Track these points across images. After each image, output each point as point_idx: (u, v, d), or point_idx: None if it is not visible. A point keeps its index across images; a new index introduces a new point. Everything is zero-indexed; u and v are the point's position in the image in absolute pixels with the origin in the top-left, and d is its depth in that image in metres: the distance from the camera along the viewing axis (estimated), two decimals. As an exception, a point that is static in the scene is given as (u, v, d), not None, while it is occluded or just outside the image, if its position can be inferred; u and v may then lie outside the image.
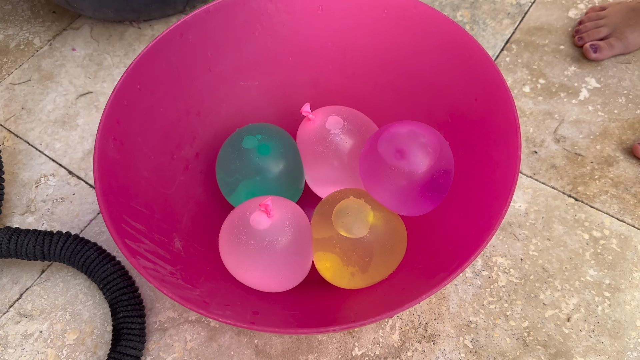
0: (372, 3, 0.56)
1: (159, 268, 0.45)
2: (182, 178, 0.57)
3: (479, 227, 0.45)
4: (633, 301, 0.58)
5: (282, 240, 0.49)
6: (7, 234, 0.57)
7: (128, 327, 0.55)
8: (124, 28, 0.84)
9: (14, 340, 0.59)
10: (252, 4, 0.56)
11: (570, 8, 0.82)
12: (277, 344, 0.57)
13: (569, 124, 0.71)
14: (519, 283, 0.59)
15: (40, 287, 0.62)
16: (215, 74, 0.59)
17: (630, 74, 0.75)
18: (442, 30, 0.53)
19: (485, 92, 0.50)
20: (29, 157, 0.72)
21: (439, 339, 0.56)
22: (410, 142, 0.50)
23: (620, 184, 0.66)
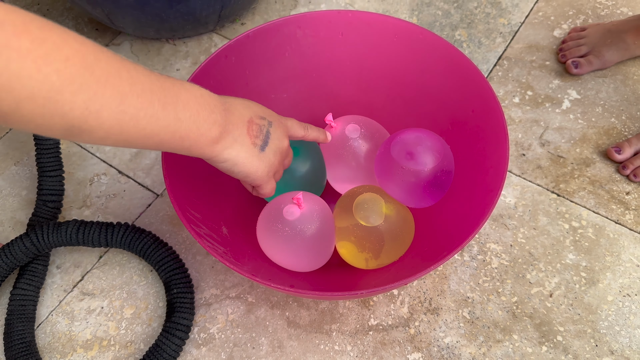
0: (385, 29, 0.67)
1: (215, 247, 0.55)
2: (226, 176, 0.68)
3: (475, 215, 0.55)
4: (605, 280, 0.68)
5: (311, 227, 0.59)
6: (75, 225, 0.67)
7: (181, 301, 0.65)
8: (161, 44, 0.94)
9: (79, 315, 0.69)
10: (284, 30, 0.67)
11: (555, 28, 0.93)
12: (304, 316, 0.67)
13: (552, 130, 0.81)
14: (509, 265, 0.70)
15: (99, 270, 0.72)
16: (251, 88, 0.69)
17: (607, 86, 0.85)
18: (443, 52, 0.64)
19: (480, 105, 0.61)
20: (82, 158, 0.82)
21: (441, 312, 0.67)
22: (418, 145, 0.61)
23: (596, 182, 0.76)
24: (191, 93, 0.43)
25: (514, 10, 0.96)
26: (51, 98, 0.32)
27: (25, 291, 0.67)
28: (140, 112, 0.37)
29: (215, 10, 0.86)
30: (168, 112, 0.40)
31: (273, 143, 0.51)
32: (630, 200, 0.74)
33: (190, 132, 0.42)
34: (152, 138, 0.40)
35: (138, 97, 0.37)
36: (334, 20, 0.67)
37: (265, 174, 0.51)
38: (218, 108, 0.45)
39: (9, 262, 0.65)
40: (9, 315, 0.66)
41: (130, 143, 0.39)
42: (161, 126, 0.40)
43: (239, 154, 0.48)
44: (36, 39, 0.30)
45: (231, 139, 0.47)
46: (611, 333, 0.64)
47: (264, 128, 0.50)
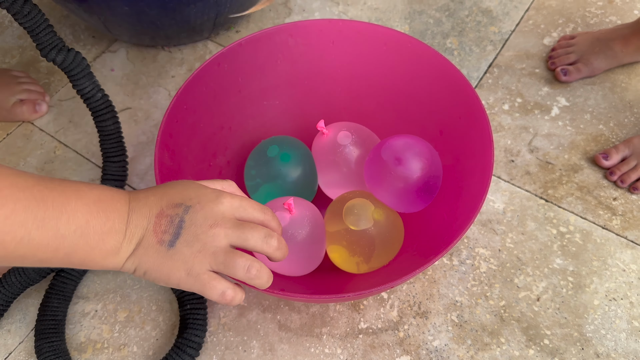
0: (375, 38, 0.68)
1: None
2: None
3: (461, 220, 0.57)
4: (592, 285, 0.69)
5: (301, 232, 0.60)
6: None
7: (194, 318, 0.65)
8: (157, 51, 0.96)
9: (73, 318, 0.70)
10: (276, 39, 0.68)
11: (545, 36, 0.95)
12: (295, 319, 0.68)
13: (541, 137, 0.83)
14: (497, 270, 0.71)
15: (93, 273, 0.73)
16: (244, 95, 0.71)
17: (595, 94, 0.87)
18: (432, 61, 0.65)
19: (467, 112, 0.62)
20: (77, 164, 0.83)
21: (430, 315, 0.68)
22: (407, 151, 0.62)
23: (584, 187, 0.77)
24: (83, 201, 0.38)
25: (505, 19, 0.98)
26: None
27: (71, 270, 0.69)
28: (7, 235, 0.34)
29: (210, 18, 0.87)
30: (46, 229, 0.36)
31: (188, 232, 0.41)
32: (617, 206, 0.75)
33: (77, 248, 0.38)
34: (29, 258, 0.36)
35: (5, 219, 0.34)
36: (325, 29, 0.69)
37: (184, 274, 0.41)
38: (118, 212, 0.40)
39: (22, 281, 0.66)
40: (49, 289, 0.68)
41: (5, 263, 0.36)
42: (36, 246, 0.36)
43: (144, 260, 0.41)
44: None
45: (134, 244, 0.40)
46: (597, 337, 0.65)
47: (175, 218, 0.41)
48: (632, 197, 0.76)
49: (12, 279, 0.66)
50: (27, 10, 0.66)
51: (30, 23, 0.67)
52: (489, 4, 1.00)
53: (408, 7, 1.00)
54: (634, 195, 0.76)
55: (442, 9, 1.00)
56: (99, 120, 0.72)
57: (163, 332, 0.68)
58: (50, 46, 0.68)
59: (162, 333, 0.68)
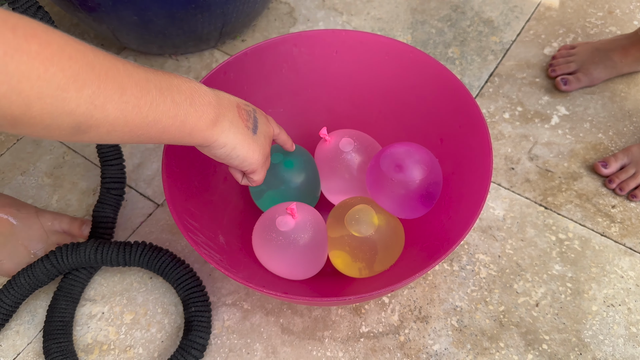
0: (377, 48, 0.70)
1: (212, 255, 0.58)
2: (222, 187, 0.71)
3: (460, 226, 0.58)
4: (590, 291, 0.70)
5: (304, 237, 0.62)
6: (93, 246, 0.69)
7: (198, 320, 0.66)
8: (164, 60, 0.98)
9: (81, 320, 0.71)
10: (280, 48, 0.70)
11: (546, 46, 0.96)
12: (298, 323, 0.69)
13: (541, 145, 0.84)
14: (496, 275, 0.72)
15: (100, 276, 0.74)
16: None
17: (595, 103, 0.88)
18: (433, 71, 0.67)
19: (467, 121, 0.64)
20: (86, 169, 0.85)
21: (430, 320, 0.69)
22: (407, 159, 0.63)
23: (583, 195, 0.79)
24: (181, 79, 0.45)
25: (506, 29, 0.99)
26: (58, 96, 0.34)
27: (79, 272, 0.71)
28: (140, 100, 0.39)
29: (217, 28, 0.89)
30: (165, 97, 0.42)
31: (262, 127, 0.54)
32: (615, 214, 0.76)
33: (188, 115, 0.44)
34: (156, 125, 0.42)
35: (136, 86, 0.39)
36: (328, 39, 0.70)
37: (261, 157, 0.53)
38: (209, 93, 0.47)
39: (31, 282, 0.68)
40: (57, 291, 0.70)
41: (135, 135, 0.41)
42: (162, 111, 0.42)
43: (236, 137, 0.50)
44: (43, 42, 0.33)
45: (227, 122, 0.49)
46: (595, 342, 0.66)
47: (251, 113, 0.53)
48: (631, 205, 0.77)
49: (21, 281, 0.67)
50: (40, 17, 0.68)
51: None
52: (490, 14, 1.02)
53: (411, 17, 1.02)
54: (633, 202, 0.77)
55: (444, 19, 1.01)
56: None
57: (168, 334, 0.69)
58: None
59: (167, 335, 0.69)
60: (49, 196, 0.82)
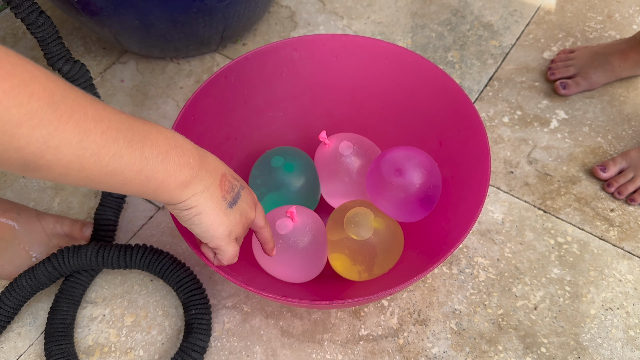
0: (376, 52, 0.70)
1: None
2: (223, 190, 0.71)
3: (459, 229, 0.58)
4: (589, 294, 0.71)
5: (303, 240, 0.62)
6: (94, 249, 0.69)
7: (198, 322, 0.66)
8: (165, 63, 0.98)
9: (82, 322, 0.72)
10: (281, 52, 0.71)
11: (545, 50, 0.97)
12: (298, 326, 0.70)
13: (540, 149, 0.84)
14: (495, 279, 0.72)
15: (101, 279, 0.75)
16: (249, 107, 0.73)
17: (594, 107, 0.89)
18: (431, 75, 0.67)
19: (466, 125, 0.64)
20: (87, 172, 0.86)
21: (429, 323, 0.69)
22: (407, 163, 0.64)
23: (582, 199, 0.79)
24: (162, 134, 0.43)
25: (506, 33, 1.00)
26: (7, 131, 0.32)
27: (81, 275, 0.71)
28: (102, 149, 0.37)
29: (218, 32, 0.90)
30: (133, 150, 0.40)
31: (242, 204, 0.50)
32: (614, 217, 0.77)
33: (156, 172, 0.42)
34: (115, 176, 0.40)
35: (102, 134, 0.37)
36: (328, 44, 0.71)
37: (226, 232, 0.49)
38: (192, 152, 0.45)
39: (33, 285, 0.68)
40: (59, 294, 0.70)
41: (92, 181, 0.39)
42: (125, 163, 0.39)
43: (206, 203, 0.46)
44: (4, 74, 0.31)
45: (202, 186, 0.46)
46: (593, 345, 0.67)
47: (235, 187, 0.50)
48: (629, 209, 0.77)
49: (23, 283, 0.68)
50: (42, 22, 0.69)
51: (42, 34, 0.70)
52: (490, 18, 1.02)
53: (411, 21, 1.03)
54: (631, 206, 0.78)
55: (444, 23, 1.02)
56: None
57: (169, 337, 0.69)
58: (58, 56, 0.71)
59: (167, 337, 0.69)
60: (50, 199, 0.83)
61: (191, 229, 0.49)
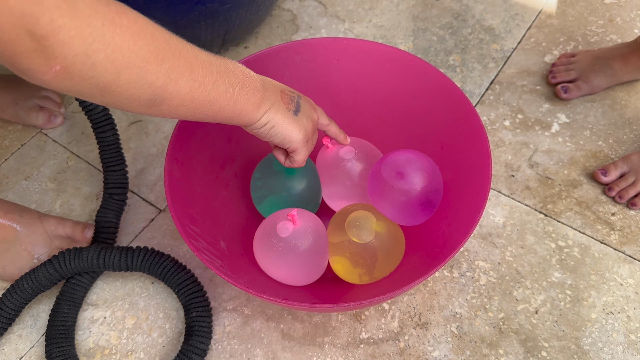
0: (378, 56, 0.70)
1: (213, 261, 0.58)
2: (224, 193, 0.71)
3: (460, 233, 0.58)
4: (590, 298, 0.71)
5: (304, 243, 0.62)
6: (95, 251, 0.69)
7: (199, 325, 0.67)
8: (167, 66, 0.99)
9: (83, 324, 0.72)
10: (283, 56, 0.71)
11: (546, 54, 0.97)
12: (298, 329, 0.70)
13: (542, 153, 0.84)
14: (496, 282, 0.72)
15: (102, 281, 0.75)
16: (251, 110, 0.73)
17: (595, 111, 0.89)
18: (433, 79, 0.67)
19: (467, 129, 0.64)
20: (89, 174, 0.86)
21: (430, 326, 0.69)
22: (408, 166, 0.64)
23: (583, 203, 0.79)
24: (235, 64, 0.50)
25: (507, 37, 1.00)
26: (143, 67, 0.38)
27: (82, 277, 0.71)
28: (205, 79, 0.44)
29: (220, 35, 0.90)
30: (223, 79, 0.46)
31: (304, 110, 0.57)
32: (615, 221, 0.77)
33: (240, 97, 0.49)
34: (215, 103, 0.46)
35: (202, 67, 0.44)
36: (330, 47, 0.71)
37: (301, 136, 0.56)
38: (256, 78, 0.52)
39: (34, 287, 0.68)
40: (60, 296, 0.70)
41: (198, 111, 0.46)
42: (220, 92, 0.46)
43: (276, 116, 0.54)
44: (131, 19, 0.37)
45: (269, 103, 0.53)
46: (594, 350, 0.67)
47: (294, 98, 0.57)
48: (630, 213, 0.77)
49: (24, 285, 0.68)
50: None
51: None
52: (491, 22, 1.02)
53: (412, 24, 1.03)
54: (632, 210, 0.78)
55: (446, 27, 1.02)
56: (99, 132, 0.75)
57: (169, 339, 0.69)
58: None
59: (168, 340, 0.69)
60: (52, 201, 0.83)
61: (271, 141, 0.57)
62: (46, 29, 0.32)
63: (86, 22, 0.34)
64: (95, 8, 0.34)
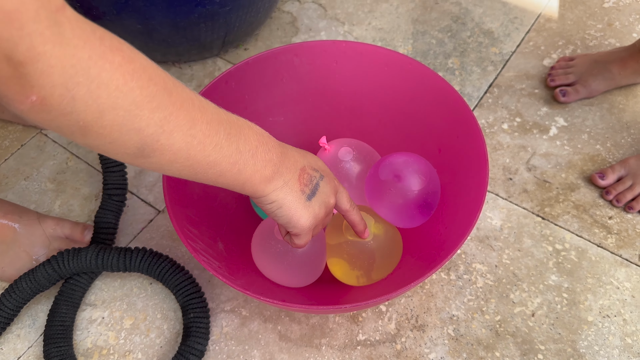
0: (376, 59, 0.71)
1: (211, 262, 0.58)
2: (222, 195, 0.71)
3: (456, 235, 0.59)
4: (586, 301, 0.71)
5: (302, 245, 0.63)
6: (94, 252, 0.69)
7: (197, 326, 0.67)
8: (167, 67, 0.99)
9: (81, 324, 0.72)
10: (281, 58, 0.71)
11: (545, 58, 0.97)
12: (296, 330, 0.70)
13: (539, 156, 0.85)
14: (493, 285, 0.73)
15: (101, 282, 0.75)
16: (249, 112, 0.73)
17: (593, 115, 0.89)
18: (431, 82, 0.68)
19: (464, 132, 0.65)
20: (89, 175, 0.86)
21: (427, 328, 0.70)
22: (405, 169, 0.64)
23: (580, 206, 0.79)
24: (253, 130, 0.45)
25: (506, 40, 1.00)
26: (131, 111, 0.35)
27: (80, 277, 0.71)
28: (207, 138, 0.40)
29: (220, 37, 0.91)
30: (231, 142, 0.42)
31: (321, 195, 0.52)
32: (612, 225, 0.77)
33: (247, 166, 0.44)
34: (214, 167, 0.42)
35: (207, 124, 0.40)
36: (329, 50, 0.71)
37: (308, 223, 0.51)
38: (275, 149, 0.47)
39: (33, 287, 0.68)
40: (58, 296, 0.70)
41: (193, 170, 0.41)
42: (224, 155, 0.42)
43: (285, 197, 0.49)
44: (127, 57, 0.34)
45: (282, 181, 0.48)
46: (590, 353, 0.67)
47: (314, 179, 0.51)
48: (627, 216, 0.78)
49: (22, 285, 0.68)
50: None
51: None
52: (490, 25, 1.03)
53: (411, 27, 1.03)
54: (629, 214, 0.78)
55: (445, 30, 1.02)
56: None
57: (167, 340, 0.70)
58: None
59: (166, 341, 0.70)
60: (51, 201, 0.83)
61: (275, 219, 0.51)
62: (24, 55, 0.29)
63: (71, 53, 0.31)
64: (84, 39, 0.32)
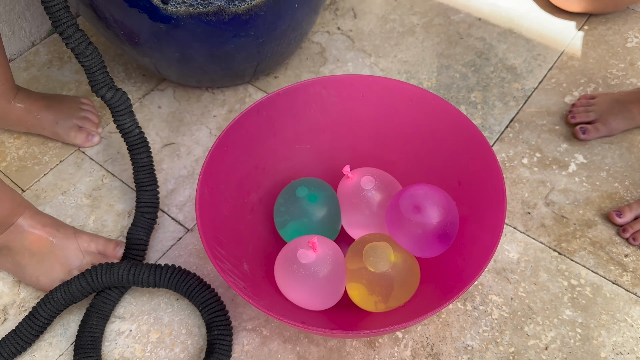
0: (400, 93, 0.74)
1: (237, 282, 0.61)
2: (249, 217, 0.75)
3: (473, 268, 0.61)
4: (600, 337, 0.72)
5: (323, 270, 0.65)
6: (126, 267, 0.73)
7: (220, 343, 0.70)
8: (201, 92, 1.04)
9: (110, 336, 0.75)
10: (310, 90, 0.75)
11: (567, 95, 0.99)
12: (314, 352, 0.72)
13: (558, 192, 0.86)
14: (508, 317, 0.74)
15: (130, 295, 0.79)
16: (278, 139, 0.77)
17: (612, 153, 0.91)
18: (453, 117, 0.71)
19: (484, 167, 0.67)
20: (123, 192, 0.90)
21: (442, 357, 0.71)
22: (425, 201, 0.67)
23: (596, 243, 0.81)
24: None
25: (528, 76, 1.03)
26: None
27: (111, 291, 0.75)
28: None
29: (252, 66, 0.95)
30: None
31: None
32: (628, 263, 0.78)
33: None
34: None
35: None
36: (355, 83, 0.75)
37: None
38: None
39: (67, 298, 0.72)
40: (90, 308, 0.74)
41: None
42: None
43: None
44: None
45: None
46: (603, 389, 0.68)
47: None
48: (644, 255, 0.79)
49: (57, 296, 0.72)
50: (89, 52, 0.75)
51: (89, 63, 0.76)
52: (513, 61, 1.05)
53: (436, 61, 1.07)
54: (646, 253, 0.79)
55: (469, 65, 1.05)
56: (135, 153, 0.80)
57: (190, 355, 0.73)
58: (102, 84, 0.77)
59: (189, 356, 0.73)
60: (86, 216, 0.87)
61: None
62: None
63: None
64: None
